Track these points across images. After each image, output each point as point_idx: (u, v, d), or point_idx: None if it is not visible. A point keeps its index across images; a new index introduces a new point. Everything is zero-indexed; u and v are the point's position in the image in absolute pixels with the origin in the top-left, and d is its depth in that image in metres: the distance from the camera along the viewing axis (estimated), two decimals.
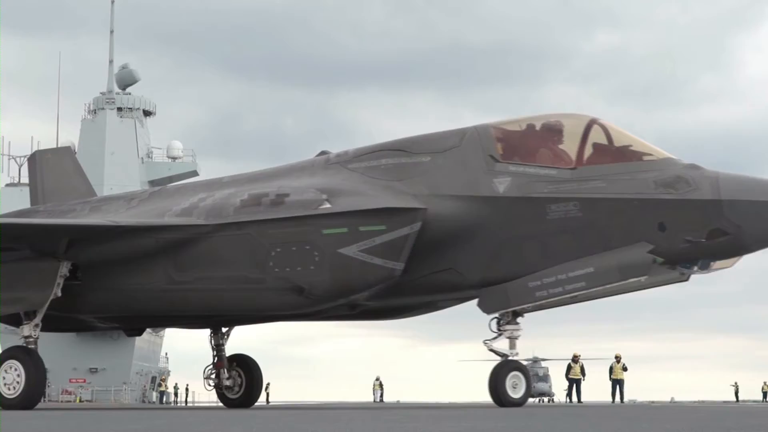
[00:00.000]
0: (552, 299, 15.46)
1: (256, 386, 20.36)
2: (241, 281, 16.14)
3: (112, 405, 41.49)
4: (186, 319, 19.20)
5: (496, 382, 15.59)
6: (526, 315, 16.04)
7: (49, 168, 21.85)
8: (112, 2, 72.27)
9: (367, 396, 65.04)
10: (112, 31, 72.54)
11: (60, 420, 10.85)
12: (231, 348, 20.18)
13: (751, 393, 77.07)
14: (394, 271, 15.69)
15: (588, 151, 15.69)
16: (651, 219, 15.00)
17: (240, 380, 20.09)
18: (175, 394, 75.21)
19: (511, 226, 15.62)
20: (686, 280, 15.72)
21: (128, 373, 67.18)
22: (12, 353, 17.21)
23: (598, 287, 15.32)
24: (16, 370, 16.76)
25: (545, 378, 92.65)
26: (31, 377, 16.77)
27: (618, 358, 40.34)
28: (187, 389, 76.36)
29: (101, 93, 73.25)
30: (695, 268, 15.44)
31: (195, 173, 73.54)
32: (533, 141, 16.19)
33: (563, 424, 8.79)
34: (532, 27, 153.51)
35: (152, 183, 70.03)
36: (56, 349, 55.69)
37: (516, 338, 15.83)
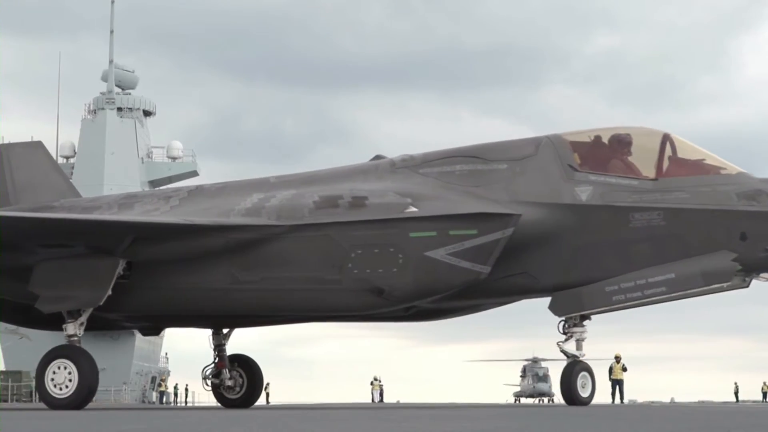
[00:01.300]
0: (628, 303, 16.11)
1: (257, 386, 20.34)
2: (314, 281, 16.13)
3: (112, 405, 41.43)
4: (239, 319, 18.81)
5: (568, 382, 16.45)
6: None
7: (19, 163, 20.36)
8: (112, 2, 72.40)
9: (367, 397, 65.01)
10: (112, 32, 72.62)
11: (60, 420, 10.84)
12: (230, 348, 20.17)
13: (751, 393, 77.17)
14: (480, 275, 15.98)
15: (666, 163, 16.51)
16: (733, 229, 15.82)
17: (241, 380, 20.03)
18: (175, 394, 75.17)
19: (592, 233, 16.20)
20: (746, 286, 16.55)
21: (128, 373, 67.10)
22: (62, 352, 16.60)
23: (679, 292, 16.07)
24: (67, 368, 16.31)
25: (545, 378, 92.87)
26: (85, 377, 16.33)
27: (618, 359, 40.38)
28: (187, 389, 76.42)
29: (101, 93, 73.28)
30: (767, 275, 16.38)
31: (195, 173, 73.58)
32: (610, 152, 16.86)
33: (563, 424, 8.80)
34: (531, 29, 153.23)
35: (152, 183, 70.09)
36: None
37: (583, 340, 16.71)
